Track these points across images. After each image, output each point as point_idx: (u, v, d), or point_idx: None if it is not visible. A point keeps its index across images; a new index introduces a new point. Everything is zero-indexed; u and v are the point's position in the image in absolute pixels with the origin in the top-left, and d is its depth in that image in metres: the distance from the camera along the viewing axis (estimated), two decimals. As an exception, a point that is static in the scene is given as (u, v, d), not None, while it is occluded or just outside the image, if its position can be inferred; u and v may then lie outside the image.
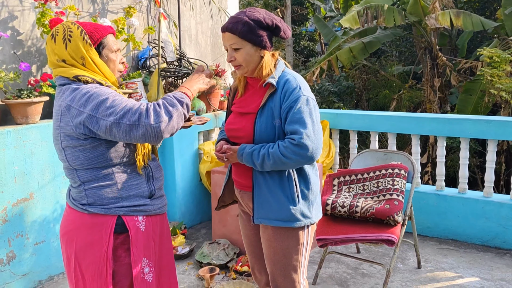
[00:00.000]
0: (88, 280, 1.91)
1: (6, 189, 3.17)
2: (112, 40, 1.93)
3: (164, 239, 2.10)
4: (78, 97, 1.77)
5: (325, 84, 10.36)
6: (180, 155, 4.28)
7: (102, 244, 1.86)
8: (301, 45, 16.17)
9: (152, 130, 1.72)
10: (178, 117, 1.81)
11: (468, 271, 3.57)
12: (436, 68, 9.70)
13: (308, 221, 2.13)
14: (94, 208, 1.86)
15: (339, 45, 9.70)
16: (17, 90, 3.30)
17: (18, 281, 3.28)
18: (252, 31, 2.00)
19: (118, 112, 1.72)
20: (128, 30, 4.12)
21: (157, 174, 2.02)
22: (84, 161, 1.82)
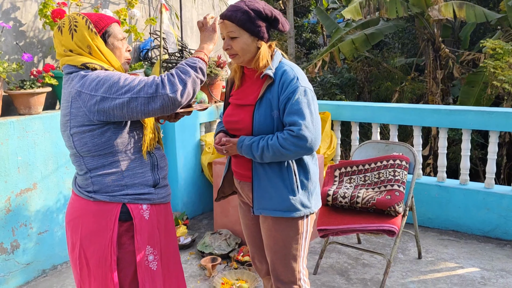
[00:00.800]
0: (92, 267, 1.93)
1: (9, 179, 3.20)
2: (118, 29, 1.96)
3: (169, 229, 2.12)
4: (88, 82, 1.79)
5: (327, 76, 10.34)
6: (182, 146, 4.29)
7: (107, 231, 1.89)
8: (303, 37, 16.13)
9: (169, 100, 1.77)
10: (193, 83, 1.84)
11: (469, 262, 3.59)
12: (438, 60, 9.67)
13: (308, 210, 2.15)
14: (99, 195, 1.89)
15: (341, 37, 9.68)
16: (20, 81, 3.32)
17: (22, 270, 3.32)
18: (251, 20, 2.00)
19: (134, 88, 1.76)
20: (130, 21, 4.13)
21: (162, 164, 2.04)
22: (92, 147, 1.84)
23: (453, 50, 10.20)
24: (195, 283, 3.33)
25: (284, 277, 2.21)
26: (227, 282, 3.24)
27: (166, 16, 4.16)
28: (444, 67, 9.91)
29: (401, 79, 10.69)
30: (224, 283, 3.23)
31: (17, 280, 3.29)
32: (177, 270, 2.17)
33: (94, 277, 1.94)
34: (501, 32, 9.12)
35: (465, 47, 10.51)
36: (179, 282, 2.19)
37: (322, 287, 3.26)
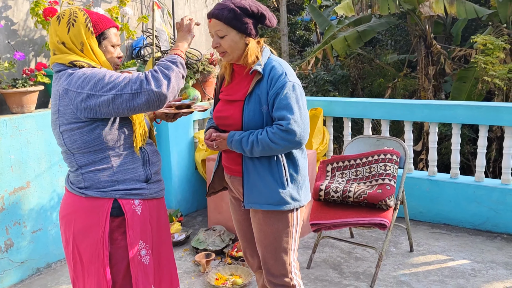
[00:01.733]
0: (86, 262, 1.96)
1: (2, 178, 3.21)
2: (114, 34, 1.98)
3: (162, 224, 2.15)
4: (74, 80, 1.81)
5: (321, 73, 10.37)
6: (176, 143, 4.31)
7: (99, 227, 1.91)
8: (297, 34, 16.14)
9: (155, 95, 1.77)
10: (176, 77, 1.86)
11: (460, 254, 3.64)
12: (430, 56, 9.72)
13: (298, 204, 2.18)
14: (90, 191, 1.91)
15: (334, 34, 9.70)
16: (12, 79, 3.33)
17: (16, 268, 3.33)
18: (238, 18, 2.02)
19: (119, 84, 1.77)
20: (122, 19, 4.14)
21: (154, 159, 2.06)
22: (81, 144, 1.86)
23: (445, 46, 10.25)
24: (189, 279, 3.36)
25: (275, 270, 2.24)
26: (221, 277, 3.27)
27: (159, 14, 4.18)
28: (436, 63, 9.96)
29: (393, 75, 10.75)
30: (218, 278, 3.26)
31: (11, 278, 3.31)
32: (170, 265, 2.20)
33: (87, 272, 1.96)
34: (492, 28, 9.19)
35: (457, 43, 10.57)
36: (172, 276, 2.21)
37: (315, 281, 3.30)
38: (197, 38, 5.18)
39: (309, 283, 3.27)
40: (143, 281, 2.00)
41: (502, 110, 3.85)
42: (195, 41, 5.14)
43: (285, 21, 12.80)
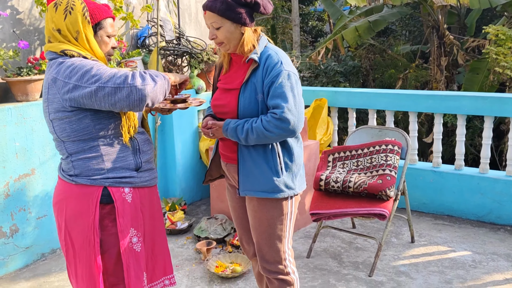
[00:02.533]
0: (77, 248, 1.99)
1: (8, 165, 3.27)
2: (110, 24, 1.99)
3: (155, 212, 2.16)
4: (63, 70, 1.83)
5: (331, 64, 10.30)
6: (180, 133, 4.35)
7: (89, 213, 1.93)
8: (310, 25, 16.04)
9: (137, 92, 1.78)
10: (161, 86, 1.87)
11: (461, 245, 3.62)
12: (443, 47, 9.60)
13: (292, 192, 2.19)
14: (80, 179, 1.93)
15: (345, 25, 9.62)
16: (17, 68, 3.38)
17: (21, 253, 3.41)
18: (231, 8, 2.03)
19: (104, 78, 1.78)
20: (127, 9, 4.16)
21: (145, 148, 2.07)
22: (71, 133, 1.88)
23: (459, 37, 10.12)
24: (190, 266, 3.40)
25: (269, 257, 2.26)
26: (221, 265, 3.31)
27: (163, 3, 4.20)
28: (449, 54, 9.84)
29: (405, 66, 10.64)
30: (218, 266, 3.30)
31: (16, 263, 3.38)
32: (163, 252, 2.22)
33: (79, 258, 1.99)
34: (506, 18, 9.03)
35: (471, 33, 10.41)
36: (166, 263, 2.24)
37: (315, 270, 3.32)
38: (203, 28, 5.19)
39: (308, 271, 3.29)
40: (135, 268, 2.02)
41: (508, 102, 3.80)
42: (200, 31, 5.15)
43: (297, 11, 12.73)
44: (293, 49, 12.47)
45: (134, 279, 2.01)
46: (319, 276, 3.22)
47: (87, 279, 1.98)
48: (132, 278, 2.00)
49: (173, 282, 2.27)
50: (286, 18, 14.43)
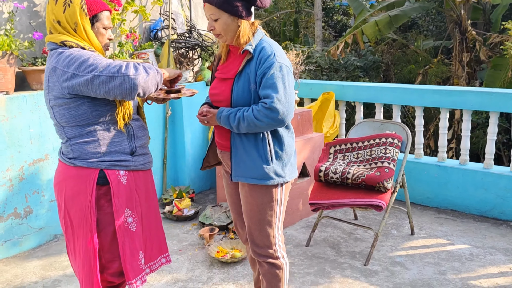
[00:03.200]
0: (75, 226, 2.14)
1: (22, 150, 3.46)
2: (106, 17, 2.13)
3: (150, 194, 2.29)
4: (62, 59, 1.96)
5: (351, 58, 10.29)
6: (190, 123, 4.48)
7: (86, 194, 2.07)
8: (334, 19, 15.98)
9: (129, 81, 1.91)
10: (153, 78, 1.99)
11: (461, 239, 3.66)
12: (465, 43, 9.48)
13: (282, 179, 2.28)
14: (78, 161, 2.07)
15: (365, 19, 9.59)
16: (33, 58, 3.57)
17: (34, 234, 3.60)
18: (228, 1, 2.12)
19: (99, 67, 1.91)
20: (140, 2, 4.31)
21: (140, 134, 2.20)
22: (69, 118, 2.02)
23: (483, 33, 9.95)
24: (193, 250, 3.54)
25: (259, 241, 2.36)
26: (222, 250, 3.43)
27: (175, -3, 4.32)
28: (471, 50, 9.71)
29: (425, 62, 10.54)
30: (219, 251, 3.42)
31: (30, 243, 3.58)
32: (158, 233, 2.35)
33: (77, 235, 2.14)
34: (531, 13, 8.84)
35: (496, 29, 10.23)
36: (161, 242, 2.37)
37: (312, 258, 3.41)
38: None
39: (305, 259, 3.39)
40: (130, 246, 2.15)
41: (513, 97, 3.80)
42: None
43: (319, 5, 12.73)
44: (315, 43, 12.49)
45: (129, 256, 2.14)
46: (315, 264, 3.31)
47: (84, 255, 2.13)
48: (127, 256, 2.14)
49: (169, 260, 2.40)
50: (309, 12, 14.42)
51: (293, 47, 9.32)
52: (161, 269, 3.25)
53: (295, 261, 3.36)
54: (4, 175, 3.37)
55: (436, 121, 9.53)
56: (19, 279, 3.18)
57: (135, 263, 2.17)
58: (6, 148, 3.36)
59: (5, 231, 3.42)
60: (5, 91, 3.36)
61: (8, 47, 3.24)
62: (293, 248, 3.57)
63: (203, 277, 3.16)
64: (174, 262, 3.36)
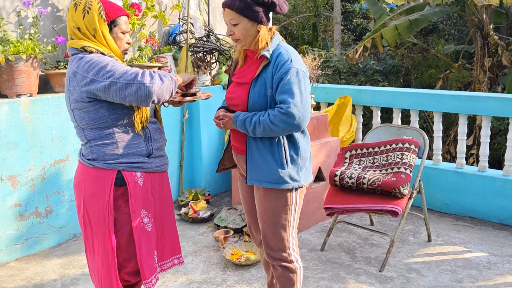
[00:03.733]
0: (94, 226, 2.20)
1: (44, 151, 3.55)
2: (124, 21, 2.18)
3: (164, 196, 2.34)
4: (82, 64, 2.03)
5: (370, 62, 10.24)
6: (206, 126, 4.53)
7: (104, 194, 2.13)
8: (354, 23, 15.92)
9: (144, 89, 1.96)
10: (168, 86, 2.04)
11: (478, 247, 3.62)
12: (487, 48, 9.35)
13: (296, 184, 2.30)
14: (97, 163, 2.13)
15: (385, 23, 9.54)
16: (55, 61, 3.66)
17: (55, 233, 3.68)
18: (249, 7, 2.16)
19: (117, 74, 1.97)
20: (159, 7, 4.38)
21: (156, 136, 2.25)
22: (89, 121, 2.09)
23: (505, 37, 9.82)
24: (207, 252, 3.58)
25: (273, 245, 2.38)
26: (236, 253, 3.46)
27: (194, 2, 4.38)
28: (493, 55, 9.58)
29: (446, 66, 10.43)
30: (234, 253, 3.45)
31: (50, 241, 3.66)
32: (172, 234, 2.39)
33: (95, 234, 2.20)
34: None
35: (519, 34, 10.09)
36: (174, 244, 2.41)
37: (327, 262, 3.41)
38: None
39: (319, 264, 3.39)
40: (146, 245, 2.21)
41: (533, 104, 3.75)
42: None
43: (339, 9, 12.70)
44: (333, 47, 12.47)
45: (145, 256, 2.20)
46: (330, 269, 3.32)
47: (103, 254, 2.19)
48: (143, 255, 2.19)
49: (181, 262, 2.44)
50: (328, 15, 14.40)
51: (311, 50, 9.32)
52: (176, 270, 3.29)
53: (309, 265, 3.37)
54: (26, 175, 3.45)
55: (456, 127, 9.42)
56: (39, 277, 3.26)
57: (150, 262, 2.22)
58: (29, 148, 3.45)
59: (26, 230, 3.50)
60: (28, 93, 3.45)
61: (32, 51, 3.34)
62: (308, 252, 3.58)
63: (217, 279, 3.19)
64: (189, 264, 3.40)
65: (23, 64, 3.33)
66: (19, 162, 3.41)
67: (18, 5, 3.57)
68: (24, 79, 3.38)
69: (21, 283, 3.18)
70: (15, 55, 3.26)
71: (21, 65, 3.32)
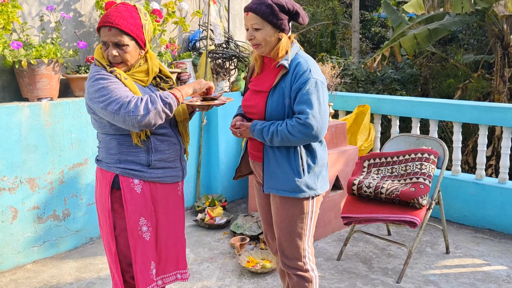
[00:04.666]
0: (101, 226, 2.25)
1: (63, 154, 3.58)
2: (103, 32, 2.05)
3: (171, 207, 2.28)
4: (89, 77, 2.10)
5: (388, 71, 10.18)
6: (224, 132, 4.53)
7: (105, 196, 2.17)
8: (372, 31, 15.87)
9: (130, 120, 1.95)
10: (156, 114, 1.99)
11: (498, 260, 3.55)
12: (507, 58, 9.24)
13: (313, 192, 2.29)
14: (101, 164, 2.21)
15: (404, 32, 9.48)
16: (76, 66, 3.70)
17: (72, 236, 3.71)
18: (274, 14, 2.16)
19: (106, 101, 1.97)
20: (180, 13, 4.41)
21: (161, 148, 2.19)
22: (97, 126, 2.17)
23: (526, 48, 9.66)
24: (223, 259, 3.57)
25: (289, 253, 2.37)
26: (252, 260, 3.44)
27: (214, 9, 4.41)
28: (514, 65, 9.44)
29: (465, 76, 10.32)
30: (250, 261, 3.43)
31: (67, 244, 3.69)
32: (177, 247, 2.34)
33: (103, 234, 2.25)
34: None
35: (541, 44, 9.93)
36: (179, 258, 2.36)
37: (343, 272, 3.38)
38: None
39: (336, 273, 3.36)
40: (142, 254, 2.18)
41: (556, 115, 3.68)
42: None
43: (357, 17, 12.67)
44: (351, 55, 12.43)
45: (140, 265, 2.18)
46: (346, 279, 3.28)
47: (108, 255, 2.24)
48: (138, 264, 2.17)
49: (184, 278, 2.38)
50: (347, 24, 14.37)
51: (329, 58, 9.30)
52: (192, 276, 3.29)
53: (325, 274, 3.34)
54: (45, 178, 3.49)
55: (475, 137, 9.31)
56: (55, 280, 3.28)
57: (145, 273, 2.19)
58: (48, 152, 3.49)
59: (44, 232, 3.53)
60: (49, 97, 3.50)
61: (54, 55, 3.38)
62: (324, 261, 3.54)
63: (232, 286, 3.18)
64: (204, 270, 3.39)
65: (45, 68, 3.38)
66: (38, 165, 3.45)
67: (42, 9, 3.62)
68: (45, 83, 3.42)
69: (37, 286, 3.20)
70: (37, 59, 3.31)
71: (43, 69, 3.37)
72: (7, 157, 3.29)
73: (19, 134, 3.33)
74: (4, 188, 3.29)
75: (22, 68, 3.31)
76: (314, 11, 14.08)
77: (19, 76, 3.40)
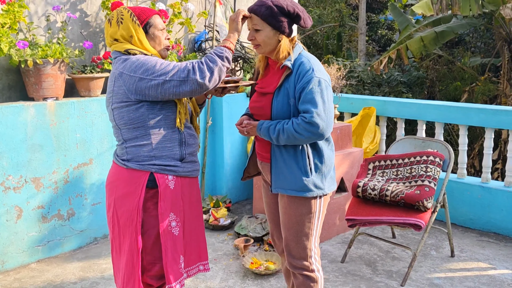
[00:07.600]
0: (122, 226, 2.23)
1: (68, 154, 3.59)
2: (158, 20, 2.23)
3: (194, 201, 2.35)
4: (128, 65, 2.09)
5: (394, 74, 10.14)
6: (229, 134, 4.53)
7: (135, 195, 2.16)
8: (379, 33, 15.83)
9: (198, 84, 2.05)
10: (219, 71, 2.11)
11: (503, 264, 3.52)
12: (514, 61, 9.19)
13: (321, 192, 2.30)
14: (131, 163, 2.17)
15: (410, 34, 9.45)
16: (82, 66, 3.71)
17: (76, 236, 3.72)
18: (274, 15, 2.19)
19: (169, 72, 2.04)
20: (186, 14, 4.41)
21: (190, 141, 2.28)
22: (127, 120, 2.14)
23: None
24: (227, 260, 3.56)
25: (295, 253, 2.37)
26: (256, 262, 3.44)
27: (220, 10, 4.41)
28: (521, 69, 9.39)
29: (472, 79, 10.27)
30: (254, 262, 3.43)
31: (71, 244, 3.70)
32: (199, 239, 2.39)
33: (123, 234, 2.23)
34: None
35: (548, 47, 9.87)
36: (201, 250, 2.40)
37: (347, 275, 3.36)
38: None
39: (340, 276, 3.34)
40: (172, 250, 2.22)
41: None
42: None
43: (364, 19, 12.65)
44: (358, 57, 12.40)
45: (170, 260, 2.21)
46: (350, 281, 3.27)
47: (127, 254, 2.21)
48: (169, 259, 2.20)
49: (207, 269, 2.44)
50: (353, 26, 14.35)
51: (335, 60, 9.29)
52: (196, 276, 3.28)
53: (329, 277, 3.33)
54: (50, 178, 3.50)
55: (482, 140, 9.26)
56: (59, 279, 3.28)
57: (176, 267, 2.23)
58: (53, 151, 3.50)
59: (48, 232, 3.54)
60: (55, 97, 3.51)
61: (60, 55, 3.39)
62: (328, 263, 3.53)
63: (236, 287, 3.17)
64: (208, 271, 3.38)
65: (51, 68, 3.39)
66: (43, 164, 3.46)
67: (48, 9, 3.64)
68: (51, 83, 3.43)
69: (41, 285, 3.21)
70: (43, 58, 3.32)
71: (49, 69, 3.38)
72: (12, 156, 3.30)
73: (25, 133, 3.34)
74: (9, 187, 3.31)
75: (28, 68, 3.33)
76: (320, 13, 14.06)
77: (25, 76, 3.42)
